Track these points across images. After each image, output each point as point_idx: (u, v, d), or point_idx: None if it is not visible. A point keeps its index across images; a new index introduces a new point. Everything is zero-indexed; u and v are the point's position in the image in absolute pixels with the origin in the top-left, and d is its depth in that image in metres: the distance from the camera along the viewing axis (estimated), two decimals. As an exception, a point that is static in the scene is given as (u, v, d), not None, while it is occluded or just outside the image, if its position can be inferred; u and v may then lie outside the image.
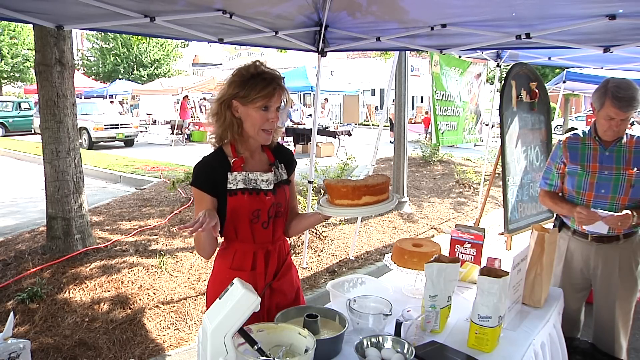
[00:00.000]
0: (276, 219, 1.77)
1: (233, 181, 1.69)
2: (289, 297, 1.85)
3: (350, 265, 4.71)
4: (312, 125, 4.27)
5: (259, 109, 1.65)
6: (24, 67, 24.91)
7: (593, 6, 2.64)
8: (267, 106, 1.66)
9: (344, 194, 1.62)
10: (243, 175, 1.70)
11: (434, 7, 3.14)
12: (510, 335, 1.76)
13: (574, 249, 2.50)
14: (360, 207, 1.61)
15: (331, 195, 1.68)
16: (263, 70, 1.68)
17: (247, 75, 1.66)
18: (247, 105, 1.65)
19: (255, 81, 1.64)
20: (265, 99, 1.64)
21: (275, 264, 1.80)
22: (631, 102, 2.20)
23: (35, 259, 4.24)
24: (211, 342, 1.35)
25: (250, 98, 1.64)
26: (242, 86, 1.65)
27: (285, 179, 1.82)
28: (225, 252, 1.79)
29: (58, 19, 2.87)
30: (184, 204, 6.40)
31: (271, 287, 1.78)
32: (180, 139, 16.04)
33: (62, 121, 4.23)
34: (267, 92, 1.64)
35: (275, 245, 1.80)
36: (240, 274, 1.63)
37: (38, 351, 2.98)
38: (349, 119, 20.93)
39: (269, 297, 1.78)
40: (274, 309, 1.76)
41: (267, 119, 1.67)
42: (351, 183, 1.63)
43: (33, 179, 9.30)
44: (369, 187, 1.61)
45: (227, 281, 1.49)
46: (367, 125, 22.57)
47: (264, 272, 1.76)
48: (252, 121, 1.67)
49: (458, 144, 7.85)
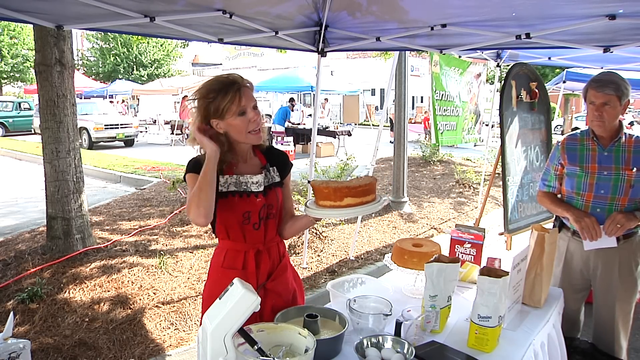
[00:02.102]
0: (268, 221, 1.78)
1: (224, 184, 1.72)
2: (285, 299, 1.85)
3: (350, 265, 4.71)
4: (312, 125, 4.27)
5: (236, 116, 1.66)
6: (24, 67, 24.90)
7: (593, 6, 2.64)
8: (243, 110, 1.66)
9: (326, 195, 1.62)
10: (234, 178, 1.74)
11: (434, 7, 3.14)
12: (510, 335, 1.76)
13: (574, 249, 2.50)
14: (342, 209, 1.60)
15: (316, 196, 1.69)
16: (220, 80, 1.69)
17: (209, 93, 1.67)
18: (225, 118, 1.67)
19: (217, 94, 1.65)
20: (235, 104, 1.65)
21: (269, 265, 1.80)
22: (607, 83, 2.23)
23: (35, 259, 4.24)
24: (211, 342, 1.36)
25: (222, 111, 1.65)
26: (209, 105, 1.66)
27: (277, 182, 1.84)
28: (218, 251, 1.82)
29: (58, 19, 2.87)
30: (183, 204, 6.40)
31: (265, 288, 1.78)
32: (180, 139, 16.03)
33: (62, 121, 4.23)
34: (231, 96, 1.64)
35: (267, 246, 1.80)
36: (232, 273, 1.66)
37: (38, 351, 2.98)
38: (349, 119, 20.95)
39: (263, 297, 1.75)
40: (268, 310, 1.76)
41: (249, 121, 1.68)
42: (333, 184, 1.63)
43: (33, 179, 9.30)
44: (351, 189, 1.59)
45: (219, 280, 1.51)
46: (367, 125, 22.58)
47: (255, 272, 1.76)
48: (237, 129, 1.69)
49: (457, 144, 7.85)
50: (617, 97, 2.23)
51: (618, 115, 2.28)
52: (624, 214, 2.24)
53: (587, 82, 2.33)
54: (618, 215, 2.23)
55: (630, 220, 2.23)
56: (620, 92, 2.23)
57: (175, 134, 15.90)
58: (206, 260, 4.52)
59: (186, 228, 5.44)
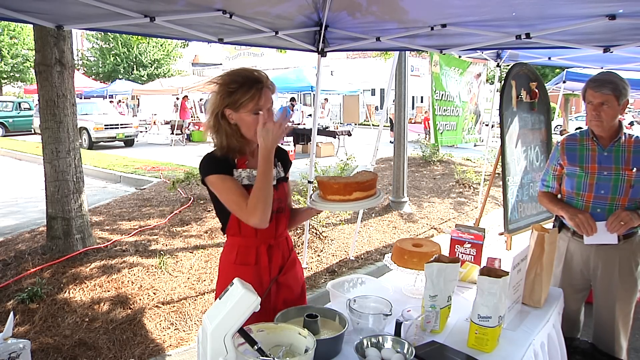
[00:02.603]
0: (278, 214, 1.81)
1: (238, 178, 1.73)
2: (295, 292, 1.90)
3: (350, 265, 4.71)
4: (312, 125, 4.27)
5: (250, 113, 1.67)
6: (24, 67, 24.91)
7: (593, 6, 2.64)
8: (258, 109, 1.67)
9: (336, 190, 1.71)
10: (247, 172, 1.75)
11: (434, 7, 3.14)
12: (510, 335, 1.76)
13: (574, 249, 2.50)
14: (351, 202, 1.72)
15: (324, 191, 1.76)
16: (247, 74, 1.70)
17: (231, 83, 1.68)
18: (239, 111, 1.68)
19: (239, 87, 1.67)
20: (252, 102, 1.66)
21: (280, 259, 1.85)
22: (605, 83, 2.23)
23: (35, 259, 4.24)
24: (211, 342, 1.35)
25: (239, 104, 1.67)
26: (230, 94, 1.67)
27: (283, 176, 1.88)
28: (228, 249, 1.83)
29: (58, 19, 2.87)
30: (184, 204, 6.40)
31: (277, 282, 1.82)
32: (180, 139, 16.05)
33: (62, 121, 4.23)
34: (252, 94, 1.66)
35: (277, 240, 1.84)
36: (245, 269, 1.73)
37: (38, 351, 2.98)
38: (349, 119, 20.94)
39: (275, 292, 1.83)
40: (280, 304, 1.81)
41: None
42: (342, 180, 1.73)
43: (33, 179, 9.30)
44: (360, 184, 1.72)
45: (232, 277, 1.54)
46: (367, 125, 22.58)
47: (267, 266, 1.80)
48: (247, 126, 1.70)
49: (457, 144, 7.85)
50: (614, 96, 2.23)
51: (616, 115, 2.28)
52: (628, 211, 2.24)
53: (586, 82, 2.34)
54: (622, 212, 2.23)
55: (634, 219, 2.23)
56: (618, 91, 2.23)
57: (175, 134, 15.91)
58: (206, 260, 4.52)
59: (186, 228, 5.44)
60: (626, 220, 2.21)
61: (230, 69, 1.82)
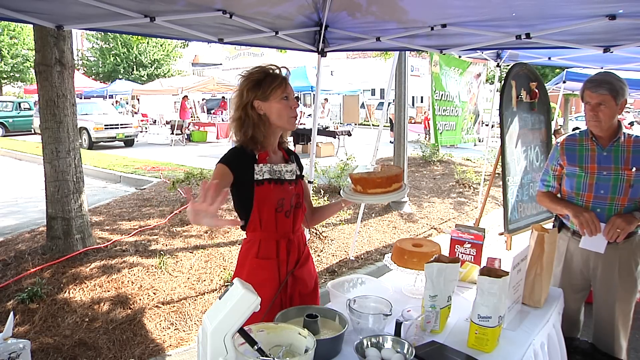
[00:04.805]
0: (296, 209, 1.90)
1: (259, 172, 1.80)
2: (309, 286, 1.98)
3: (350, 265, 4.71)
4: (312, 125, 4.27)
5: (280, 100, 1.81)
6: (24, 67, 24.88)
7: (593, 6, 2.64)
8: (286, 95, 1.82)
9: (379, 184, 1.86)
10: (268, 166, 1.83)
11: (433, 7, 3.14)
12: (510, 335, 1.76)
13: (574, 249, 2.50)
14: (391, 193, 1.88)
15: (364, 186, 1.87)
16: (268, 68, 1.86)
17: (260, 76, 1.82)
18: (269, 100, 1.81)
19: (267, 78, 1.81)
20: (281, 89, 1.81)
21: (296, 253, 1.92)
22: (601, 83, 2.23)
23: (35, 259, 4.24)
24: (211, 342, 1.35)
25: (269, 93, 1.80)
26: (258, 86, 1.80)
27: (299, 174, 1.98)
28: (250, 244, 1.89)
29: (58, 19, 2.87)
30: (184, 204, 6.40)
31: (294, 275, 1.89)
32: (180, 139, 16.04)
33: (62, 121, 4.23)
34: (279, 82, 1.81)
35: (295, 235, 1.92)
36: (267, 263, 1.83)
37: (38, 351, 2.98)
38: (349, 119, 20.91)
39: (291, 285, 1.89)
40: (296, 296, 1.89)
41: (290, 107, 1.84)
42: (381, 174, 1.88)
43: (33, 179, 9.30)
44: (397, 176, 1.89)
45: (255, 270, 1.63)
46: (367, 125, 22.57)
47: (286, 259, 1.87)
48: (278, 112, 1.82)
49: (456, 144, 7.86)
50: (612, 96, 2.23)
51: (614, 114, 2.28)
52: (623, 217, 2.22)
53: (583, 83, 2.34)
54: (617, 219, 2.21)
55: (631, 223, 2.22)
56: (615, 91, 2.22)
57: (175, 134, 15.90)
58: (206, 260, 4.52)
59: (186, 228, 5.44)
60: (622, 227, 2.20)
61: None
